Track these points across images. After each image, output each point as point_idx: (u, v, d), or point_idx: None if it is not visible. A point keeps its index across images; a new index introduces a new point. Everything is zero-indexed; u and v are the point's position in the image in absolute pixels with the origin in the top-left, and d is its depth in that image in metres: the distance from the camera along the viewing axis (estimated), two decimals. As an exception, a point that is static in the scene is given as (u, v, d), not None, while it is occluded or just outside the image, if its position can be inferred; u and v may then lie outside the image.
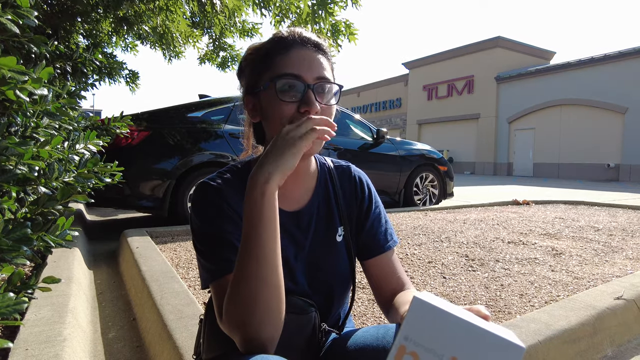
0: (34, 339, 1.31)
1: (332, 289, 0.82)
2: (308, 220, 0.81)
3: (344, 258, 0.83)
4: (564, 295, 1.92)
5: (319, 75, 0.72)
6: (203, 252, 0.72)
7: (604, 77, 15.71)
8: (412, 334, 0.48)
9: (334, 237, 0.83)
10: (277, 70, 0.72)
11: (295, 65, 0.71)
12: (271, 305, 0.60)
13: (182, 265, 2.45)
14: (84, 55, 2.20)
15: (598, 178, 15.63)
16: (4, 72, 1.03)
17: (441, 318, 0.49)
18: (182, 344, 1.29)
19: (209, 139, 3.86)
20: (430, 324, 0.48)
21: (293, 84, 0.71)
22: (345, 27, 2.70)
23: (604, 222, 4.01)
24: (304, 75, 0.71)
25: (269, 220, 0.61)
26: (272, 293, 0.61)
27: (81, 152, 1.52)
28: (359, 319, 1.67)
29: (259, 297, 0.60)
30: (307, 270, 0.80)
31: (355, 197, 0.87)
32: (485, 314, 0.56)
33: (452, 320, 0.48)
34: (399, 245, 2.91)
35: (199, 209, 0.74)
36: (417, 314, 0.49)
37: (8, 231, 1.01)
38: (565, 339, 1.47)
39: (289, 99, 0.71)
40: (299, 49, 0.73)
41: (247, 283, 0.60)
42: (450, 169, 5.68)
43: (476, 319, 0.53)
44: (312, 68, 0.72)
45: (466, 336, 0.48)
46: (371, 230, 0.85)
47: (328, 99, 0.74)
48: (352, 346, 0.71)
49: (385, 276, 0.83)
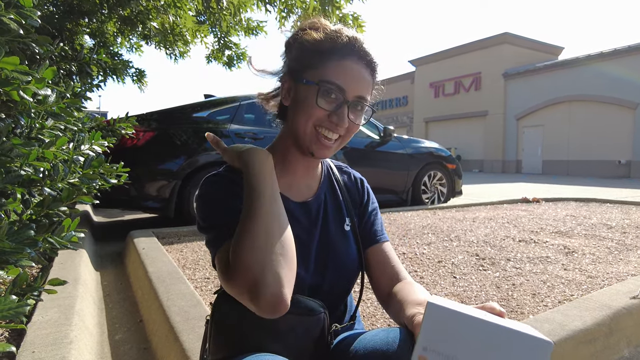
0: (41, 341, 1.31)
1: (341, 275, 0.83)
2: (317, 210, 0.84)
3: (352, 246, 0.86)
4: (577, 294, 1.88)
5: (360, 95, 0.75)
6: (206, 228, 0.73)
7: (613, 73, 15.48)
8: (431, 344, 0.45)
9: (343, 226, 0.86)
10: (326, 73, 0.74)
11: (344, 76, 0.74)
12: (280, 262, 0.61)
13: (189, 266, 2.43)
14: (89, 55, 2.19)
15: (609, 175, 15.42)
16: (6, 72, 1.02)
17: (459, 321, 0.45)
18: (189, 346, 1.28)
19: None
20: (449, 329, 0.45)
21: (335, 94, 0.74)
22: (353, 20, 2.66)
23: (617, 220, 3.93)
24: (347, 89, 0.74)
25: (272, 177, 0.69)
26: (284, 248, 0.63)
27: (86, 152, 1.51)
28: (368, 319, 1.65)
29: (268, 251, 0.61)
30: (317, 258, 0.81)
31: (357, 193, 0.92)
32: (500, 311, 0.55)
33: (471, 322, 0.45)
34: (408, 245, 2.88)
35: (203, 191, 0.76)
36: (434, 320, 0.46)
37: (12, 233, 1.00)
38: (580, 340, 1.44)
39: (325, 106, 0.74)
40: (354, 62, 0.75)
41: (255, 237, 0.61)
42: (459, 167, 5.62)
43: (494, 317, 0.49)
44: (357, 85, 0.75)
45: (489, 338, 0.44)
46: (369, 222, 0.90)
47: (358, 117, 0.78)
48: (360, 349, 0.69)
49: (382, 265, 0.85)
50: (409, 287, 0.76)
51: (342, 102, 0.74)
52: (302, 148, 0.78)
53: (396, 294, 0.76)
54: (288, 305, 0.59)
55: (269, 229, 0.63)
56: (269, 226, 0.63)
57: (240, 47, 4.37)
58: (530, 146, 18.78)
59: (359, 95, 0.75)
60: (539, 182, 12.17)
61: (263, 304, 0.57)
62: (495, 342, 0.44)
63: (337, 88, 0.73)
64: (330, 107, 0.74)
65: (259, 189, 0.67)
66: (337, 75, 0.73)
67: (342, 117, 0.74)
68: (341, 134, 0.77)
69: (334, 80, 0.73)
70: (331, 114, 0.74)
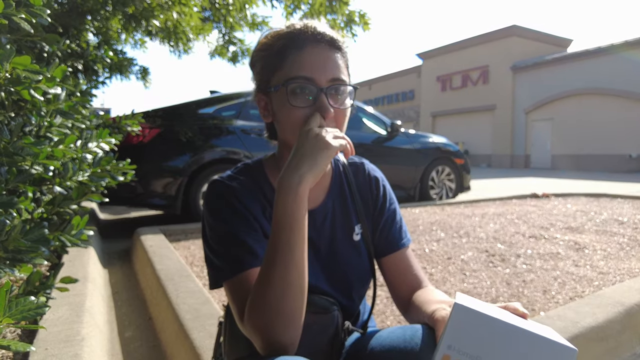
0: (53, 339, 1.32)
1: (351, 287, 0.80)
2: (322, 220, 0.79)
3: (363, 256, 0.81)
4: (589, 291, 1.86)
5: (333, 77, 0.69)
6: (216, 251, 0.71)
7: (624, 65, 15.24)
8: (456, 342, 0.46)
9: (351, 235, 0.81)
10: (289, 71, 0.68)
11: (308, 66, 0.68)
12: (296, 310, 0.59)
13: (197, 263, 2.44)
14: (95, 53, 2.19)
15: (619, 169, 15.22)
16: (18, 71, 1.02)
17: (485, 324, 0.46)
18: (199, 344, 1.28)
19: (220, 136, 3.85)
20: (474, 330, 0.45)
21: (305, 87, 0.68)
22: (360, 17, 2.64)
23: (629, 215, 3.88)
24: (317, 77, 0.68)
25: (300, 223, 0.60)
26: (297, 297, 0.60)
27: (94, 150, 1.51)
28: (378, 317, 1.64)
29: (285, 301, 0.58)
30: (324, 270, 0.78)
31: (370, 195, 0.85)
32: (523, 312, 0.55)
33: (497, 325, 0.45)
34: (417, 242, 2.86)
35: (212, 207, 0.73)
36: (460, 321, 0.46)
37: (26, 232, 1.00)
38: (592, 337, 1.42)
39: (302, 104, 0.68)
40: (312, 47, 0.69)
41: (273, 287, 0.59)
42: (467, 162, 5.57)
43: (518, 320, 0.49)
44: (327, 69, 0.68)
45: (514, 341, 0.45)
46: (385, 228, 0.83)
47: (342, 101, 0.71)
48: (377, 347, 0.68)
49: (402, 274, 0.81)
50: (429, 292, 0.75)
51: (317, 92, 0.68)
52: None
53: (416, 299, 0.75)
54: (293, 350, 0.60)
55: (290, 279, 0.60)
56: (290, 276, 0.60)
57: (244, 43, 4.36)
58: (539, 140, 18.58)
59: (332, 78, 0.69)
60: (548, 176, 12.06)
61: (273, 349, 0.59)
62: (520, 346, 0.45)
63: (305, 79, 0.67)
64: (307, 103, 0.68)
65: (287, 239, 0.60)
66: (300, 67, 0.68)
67: (323, 108, 0.67)
68: (331, 126, 0.70)
69: (299, 74, 0.67)
70: (313, 110, 0.68)
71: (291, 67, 0.68)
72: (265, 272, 0.60)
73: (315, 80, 0.67)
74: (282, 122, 0.71)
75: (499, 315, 0.47)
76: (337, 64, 0.70)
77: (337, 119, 0.70)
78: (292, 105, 0.68)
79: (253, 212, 0.72)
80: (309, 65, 0.68)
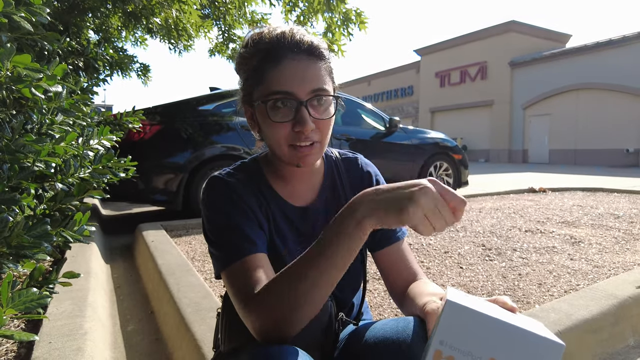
0: (57, 332, 1.34)
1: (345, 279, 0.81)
2: (315, 216, 0.82)
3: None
4: (584, 284, 1.89)
5: (313, 88, 0.68)
6: (215, 242, 0.72)
7: (622, 60, 15.25)
8: (448, 338, 0.48)
9: None
10: (269, 86, 0.68)
11: (286, 80, 0.67)
12: (314, 310, 0.60)
13: (198, 258, 2.47)
14: (95, 50, 2.20)
15: (617, 164, 15.26)
16: (19, 70, 1.04)
17: (476, 320, 0.48)
18: (200, 336, 1.31)
19: (220, 132, 3.87)
20: (466, 326, 0.48)
21: (286, 101, 0.68)
22: (356, 16, 2.65)
23: (625, 209, 3.91)
24: (296, 90, 0.67)
25: (350, 248, 0.58)
26: (320, 301, 0.60)
27: (95, 147, 1.53)
28: (376, 309, 1.67)
29: (308, 299, 0.59)
30: None
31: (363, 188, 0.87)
32: (512, 306, 0.56)
33: (488, 322, 0.48)
34: (415, 236, 2.89)
35: (210, 200, 0.74)
36: (452, 317, 0.48)
37: (29, 228, 1.02)
38: (586, 329, 1.45)
39: (282, 119, 0.68)
40: (290, 60, 0.68)
41: (303, 283, 0.59)
42: (465, 157, 5.60)
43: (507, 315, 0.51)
44: (306, 81, 0.68)
45: (504, 337, 0.47)
46: None
47: (324, 110, 0.71)
48: (371, 338, 0.70)
49: (397, 267, 0.82)
50: (422, 284, 0.77)
51: (297, 105, 0.68)
52: (288, 164, 0.75)
53: (410, 291, 0.76)
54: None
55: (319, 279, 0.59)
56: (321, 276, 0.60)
57: (244, 40, 4.36)
58: (537, 135, 18.62)
59: (312, 90, 0.68)
60: (546, 171, 12.09)
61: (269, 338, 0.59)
62: (510, 341, 0.47)
63: (285, 94, 0.67)
64: (288, 117, 0.68)
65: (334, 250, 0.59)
66: (279, 82, 0.67)
67: (303, 122, 0.67)
68: (315, 139, 0.70)
69: (278, 89, 0.67)
70: (294, 124, 0.68)
71: (270, 82, 0.68)
72: (302, 264, 0.60)
73: (295, 94, 0.67)
74: (266, 135, 0.73)
75: (489, 311, 0.49)
76: (317, 74, 0.70)
77: (320, 129, 0.71)
78: (272, 121, 0.68)
79: (250, 206, 0.74)
80: (288, 79, 0.67)
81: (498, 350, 0.46)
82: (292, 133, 0.69)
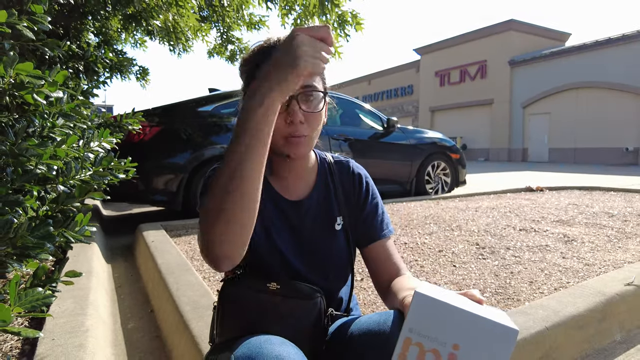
0: (60, 330, 1.39)
1: (329, 272, 0.89)
2: (307, 210, 0.89)
3: (342, 244, 0.90)
4: (574, 282, 1.93)
5: (303, 84, 0.76)
6: (201, 194, 0.80)
7: (621, 59, 15.26)
8: (416, 326, 0.53)
9: (333, 225, 0.90)
10: None
11: None
12: (234, 222, 0.62)
13: (197, 257, 2.51)
14: (95, 53, 2.25)
15: (616, 162, 15.28)
16: (22, 77, 1.08)
17: (442, 309, 0.53)
18: (198, 333, 1.35)
19: (220, 133, 3.91)
20: (432, 315, 0.53)
21: None
22: (352, 17, 2.69)
23: (619, 208, 3.95)
24: None
25: (262, 133, 0.62)
26: (238, 209, 0.62)
27: (96, 150, 1.57)
28: (369, 307, 1.71)
29: (222, 209, 0.62)
30: (305, 255, 0.87)
31: (353, 189, 0.93)
32: (479, 298, 0.61)
33: (452, 311, 0.53)
34: (410, 235, 2.94)
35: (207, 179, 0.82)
36: (420, 307, 0.53)
37: (32, 229, 1.07)
38: (573, 325, 1.49)
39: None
40: None
41: (215, 194, 0.63)
42: (463, 157, 5.64)
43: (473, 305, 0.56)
44: None
45: (465, 324, 0.52)
46: (367, 219, 0.91)
47: (314, 106, 0.78)
48: (356, 331, 0.75)
49: (382, 262, 0.89)
50: (404, 279, 0.83)
51: (289, 99, 0.75)
52: (279, 155, 0.82)
53: (393, 286, 0.83)
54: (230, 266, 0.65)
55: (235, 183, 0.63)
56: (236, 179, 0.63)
57: (242, 42, 4.41)
58: (537, 134, 18.64)
59: (303, 85, 0.76)
60: (545, 170, 12.12)
61: (210, 261, 0.64)
62: (470, 328, 0.52)
63: None
64: (282, 110, 0.75)
65: (248, 142, 0.63)
66: None
67: (293, 113, 0.75)
68: (305, 133, 0.78)
69: None
70: (286, 116, 0.76)
71: None
72: (214, 180, 0.64)
73: None
74: None
75: (455, 302, 0.54)
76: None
77: (310, 122, 0.78)
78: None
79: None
80: None
81: (461, 336, 0.51)
82: (286, 125, 0.77)
